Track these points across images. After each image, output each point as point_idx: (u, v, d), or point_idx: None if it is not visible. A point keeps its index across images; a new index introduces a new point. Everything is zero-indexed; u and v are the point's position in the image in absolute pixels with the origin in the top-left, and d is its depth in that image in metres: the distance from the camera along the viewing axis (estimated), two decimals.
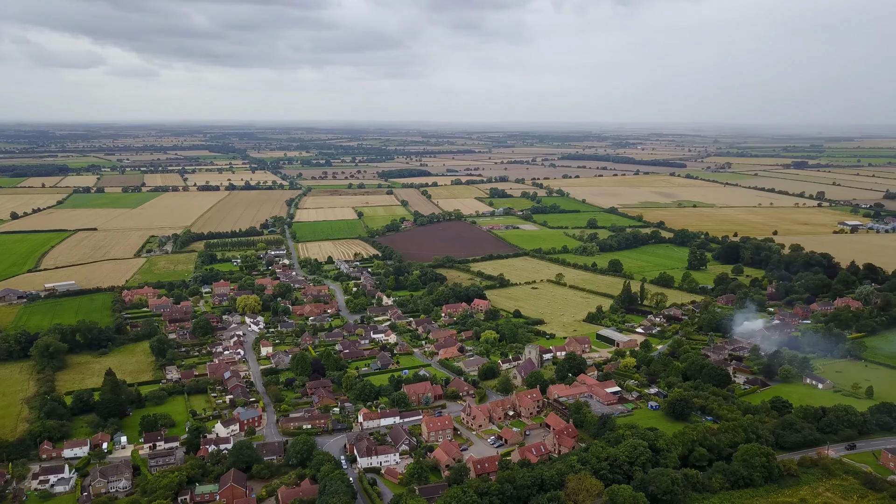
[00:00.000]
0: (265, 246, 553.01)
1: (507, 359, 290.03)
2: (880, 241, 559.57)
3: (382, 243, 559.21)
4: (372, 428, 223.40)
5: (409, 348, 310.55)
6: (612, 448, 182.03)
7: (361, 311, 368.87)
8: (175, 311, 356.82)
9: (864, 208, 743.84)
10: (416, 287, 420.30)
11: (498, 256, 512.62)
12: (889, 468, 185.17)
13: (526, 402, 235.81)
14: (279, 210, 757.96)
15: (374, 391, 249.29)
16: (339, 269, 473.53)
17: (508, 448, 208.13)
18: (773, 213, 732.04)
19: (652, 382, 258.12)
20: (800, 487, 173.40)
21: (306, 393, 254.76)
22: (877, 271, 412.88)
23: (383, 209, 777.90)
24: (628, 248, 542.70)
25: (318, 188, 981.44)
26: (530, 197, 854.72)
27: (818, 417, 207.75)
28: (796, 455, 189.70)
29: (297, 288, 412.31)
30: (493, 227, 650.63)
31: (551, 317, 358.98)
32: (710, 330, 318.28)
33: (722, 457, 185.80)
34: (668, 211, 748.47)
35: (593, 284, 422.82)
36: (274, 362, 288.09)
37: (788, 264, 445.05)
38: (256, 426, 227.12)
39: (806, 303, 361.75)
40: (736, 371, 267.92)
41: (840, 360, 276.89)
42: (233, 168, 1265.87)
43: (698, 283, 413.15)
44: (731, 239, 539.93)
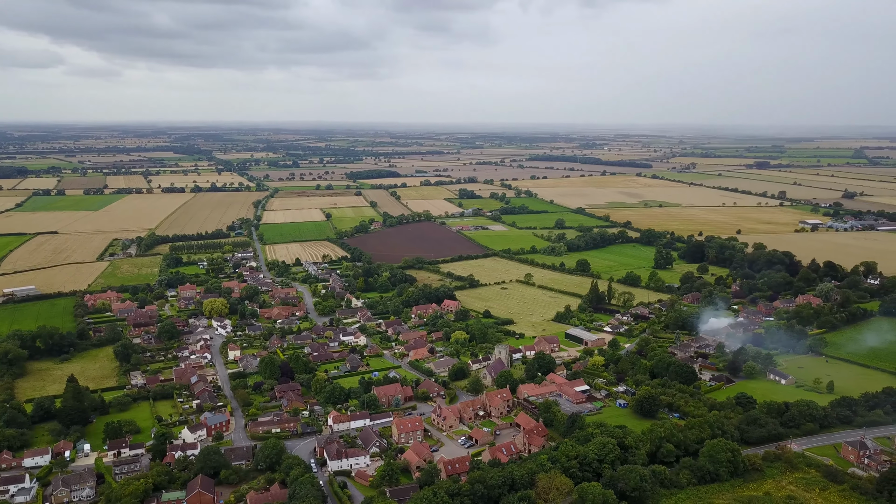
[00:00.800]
0: (232, 248, 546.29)
1: (477, 359, 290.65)
2: (839, 240, 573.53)
3: (351, 245, 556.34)
4: (342, 431, 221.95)
5: (378, 350, 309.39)
6: (582, 446, 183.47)
7: (330, 314, 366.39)
8: (140, 316, 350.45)
9: (823, 207, 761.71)
10: (386, 288, 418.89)
11: (467, 257, 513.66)
12: (849, 460, 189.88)
13: (496, 401, 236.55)
14: (246, 212, 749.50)
15: (344, 394, 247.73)
16: (308, 271, 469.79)
17: (479, 448, 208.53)
18: (737, 212, 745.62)
19: (620, 380, 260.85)
20: (764, 481, 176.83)
21: (275, 396, 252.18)
22: (836, 269, 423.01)
23: (352, 210, 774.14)
24: (596, 248, 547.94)
25: (285, 189, 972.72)
26: (499, 198, 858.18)
27: (781, 412, 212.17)
28: (761, 449, 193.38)
29: (265, 290, 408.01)
30: (463, 227, 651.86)
31: (521, 317, 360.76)
32: (677, 328, 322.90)
33: (689, 453, 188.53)
34: (634, 211, 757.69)
35: (562, 284, 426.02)
36: (242, 366, 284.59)
37: (752, 263, 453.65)
38: (224, 431, 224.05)
39: (769, 300, 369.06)
40: (702, 368, 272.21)
41: (802, 356, 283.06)
42: (198, 170, 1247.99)
43: (665, 281, 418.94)
44: (696, 238, 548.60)
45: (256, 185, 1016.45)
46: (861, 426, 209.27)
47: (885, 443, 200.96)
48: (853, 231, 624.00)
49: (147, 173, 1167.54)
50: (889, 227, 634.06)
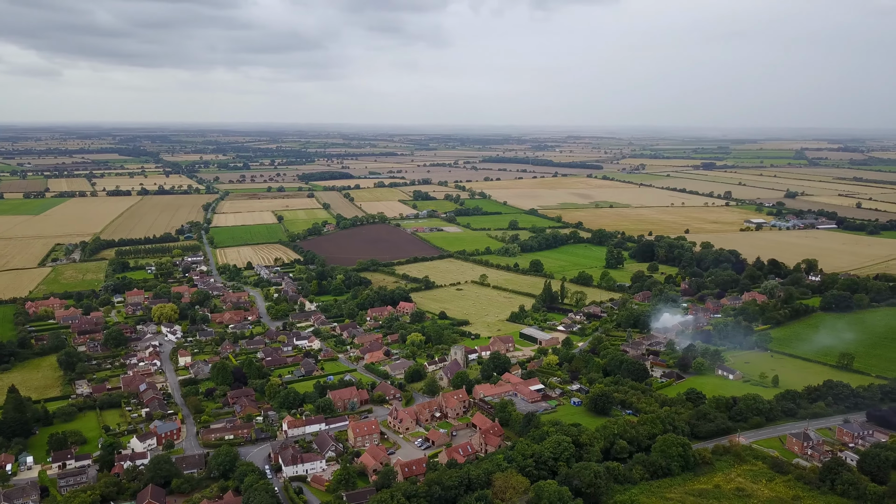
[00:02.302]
0: (181, 252, 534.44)
1: (433, 360, 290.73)
2: (782, 238, 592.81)
3: (304, 247, 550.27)
4: (297, 436, 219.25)
5: (333, 354, 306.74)
6: (537, 445, 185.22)
7: (283, 318, 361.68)
8: (84, 323, 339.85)
9: (767, 207, 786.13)
10: (340, 291, 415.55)
11: (423, 259, 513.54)
12: (794, 452, 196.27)
13: (452, 402, 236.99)
14: (195, 215, 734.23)
15: (299, 398, 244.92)
16: (260, 274, 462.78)
17: (436, 449, 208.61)
18: (685, 212, 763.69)
19: (574, 379, 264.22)
20: (714, 474, 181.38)
21: (228, 403, 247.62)
22: (780, 266, 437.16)
23: (304, 213, 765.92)
24: (549, 249, 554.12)
25: (235, 192, 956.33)
26: (453, 199, 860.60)
27: (729, 407, 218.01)
28: (710, 443, 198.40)
29: (216, 295, 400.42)
30: (418, 229, 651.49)
31: (476, 317, 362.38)
32: (629, 326, 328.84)
33: (642, 448, 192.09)
34: (586, 211, 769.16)
35: (516, 284, 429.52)
36: (193, 372, 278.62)
37: (700, 261, 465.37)
38: (175, 439, 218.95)
39: (716, 297, 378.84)
40: (653, 365, 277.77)
41: (748, 352, 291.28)
42: (145, 172, 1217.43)
43: (616, 281, 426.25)
44: (646, 238, 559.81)
45: (206, 188, 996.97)
46: (804, 418, 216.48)
47: (826, 434, 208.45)
48: (795, 230, 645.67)
49: (91, 176, 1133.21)
50: (828, 226, 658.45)
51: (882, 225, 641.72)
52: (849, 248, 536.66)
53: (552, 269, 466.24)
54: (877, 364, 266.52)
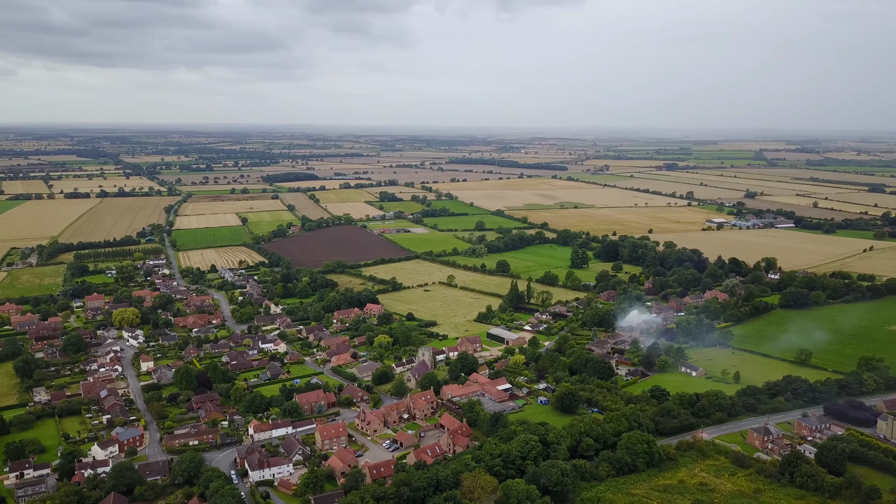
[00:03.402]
0: (143, 255, 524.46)
1: (400, 362, 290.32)
2: (742, 237, 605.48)
3: (269, 250, 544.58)
4: (263, 440, 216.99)
5: (300, 357, 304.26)
6: (505, 444, 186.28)
7: (248, 321, 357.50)
8: (42, 328, 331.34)
9: (728, 206, 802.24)
10: (306, 294, 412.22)
11: (390, 260, 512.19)
12: (755, 446, 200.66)
13: (420, 403, 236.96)
14: (157, 217, 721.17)
15: (265, 402, 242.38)
16: (224, 277, 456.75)
17: (404, 451, 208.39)
18: (648, 212, 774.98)
19: (541, 378, 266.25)
20: (678, 470, 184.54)
21: (192, 408, 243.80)
22: (740, 265, 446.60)
23: (269, 214, 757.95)
24: (515, 249, 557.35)
25: (198, 194, 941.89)
26: (420, 200, 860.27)
27: (693, 403, 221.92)
28: (674, 440, 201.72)
29: (179, 298, 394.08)
30: (384, 230, 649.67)
31: (444, 318, 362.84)
32: (594, 325, 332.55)
33: (608, 446, 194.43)
34: (551, 212, 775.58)
35: (483, 285, 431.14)
36: (156, 377, 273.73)
37: (663, 260, 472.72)
38: (138, 446, 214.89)
39: (679, 296, 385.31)
40: (618, 363, 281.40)
41: (711, 349, 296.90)
42: (104, 174, 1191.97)
43: (581, 280, 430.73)
44: (610, 238, 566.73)
45: (168, 190, 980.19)
46: (765, 413, 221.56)
47: (786, 428, 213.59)
48: (755, 229, 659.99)
49: (48, 178, 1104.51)
50: (786, 225, 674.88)
51: (837, 224, 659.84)
52: (806, 246, 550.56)
53: (519, 270, 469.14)
54: (833, 359, 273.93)
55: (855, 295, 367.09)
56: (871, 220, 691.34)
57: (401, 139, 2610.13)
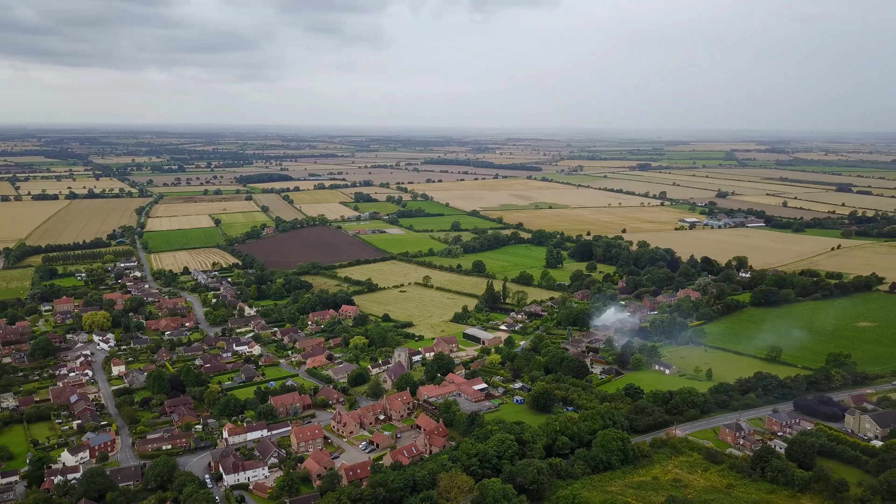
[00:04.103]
0: (113, 258, 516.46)
1: (376, 363, 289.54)
2: (714, 237, 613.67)
3: (243, 251, 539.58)
4: (238, 443, 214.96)
5: (274, 359, 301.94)
6: (481, 444, 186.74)
7: (222, 324, 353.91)
8: (9, 333, 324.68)
9: (700, 206, 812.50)
10: (281, 296, 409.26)
11: (365, 261, 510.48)
12: (727, 442, 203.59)
13: (396, 405, 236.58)
14: (128, 219, 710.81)
15: (240, 405, 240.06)
16: (197, 279, 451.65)
17: (380, 452, 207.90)
18: (622, 212, 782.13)
19: (516, 377, 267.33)
20: (652, 467, 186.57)
21: (165, 412, 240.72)
22: (712, 264, 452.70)
23: (242, 216, 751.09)
24: (490, 249, 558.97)
25: (170, 195, 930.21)
26: (395, 201, 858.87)
27: (666, 401, 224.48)
28: (648, 437, 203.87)
29: (151, 301, 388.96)
30: (360, 231, 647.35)
31: (420, 319, 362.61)
32: (569, 324, 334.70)
33: (583, 444, 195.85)
34: (526, 213, 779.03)
35: (459, 285, 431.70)
36: (127, 382, 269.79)
37: (636, 260, 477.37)
38: (109, 451, 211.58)
39: (653, 295, 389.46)
40: (593, 362, 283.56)
41: (684, 347, 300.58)
42: (73, 175, 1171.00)
43: (556, 280, 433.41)
44: (584, 238, 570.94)
45: (139, 191, 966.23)
46: (736, 409, 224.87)
47: (757, 424, 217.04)
48: (726, 228, 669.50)
49: (14, 179, 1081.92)
50: (757, 224, 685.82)
51: (806, 223, 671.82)
52: (776, 245, 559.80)
53: (494, 270, 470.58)
54: (803, 356, 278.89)
55: (823, 292, 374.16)
56: (838, 219, 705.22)
57: (376, 140, 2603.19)
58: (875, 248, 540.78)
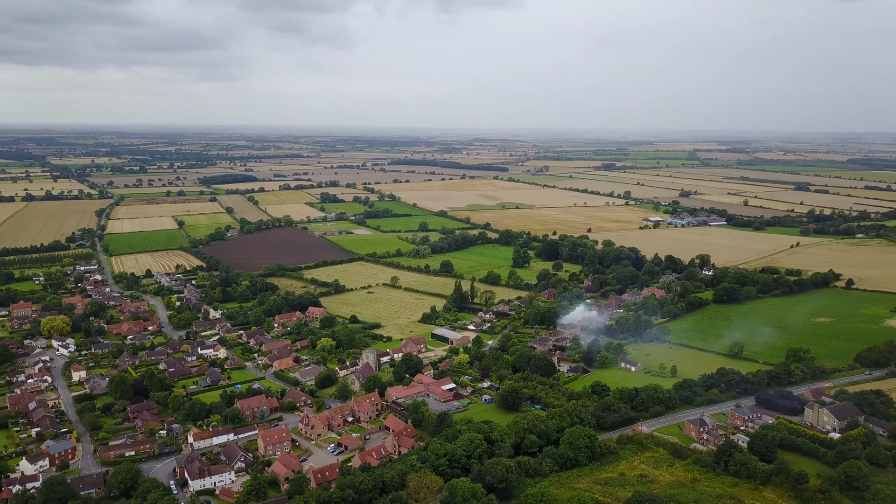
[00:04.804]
0: (73, 261, 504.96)
1: (344, 365, 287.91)
2: (678, 235, 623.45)
3: (207, 253, 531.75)
4: (204, 448, 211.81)
5: (240, 362, 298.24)
6: (450, 444, 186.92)
7: (187, 327, 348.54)
8: None
9: (663, 206, 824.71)
10: (246, 298, 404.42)
11: (332, 262, 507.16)
12: (691, 437, 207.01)
13: (365, 406, 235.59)
14: (88, 221, 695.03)
15: (205, 409, 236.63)
16: (160, 282, 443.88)
17: (349, 454, 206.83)
18: (587, 211, 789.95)
19: (485, 377, 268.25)
20: (619, 463, 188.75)
21: (128, 418, 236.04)
22: (676, 262, 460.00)
23: (206, 217, 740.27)
24: (458, 250, 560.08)
25: (132, 197, 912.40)
26: (362, 202, 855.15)
27: (632, 397, 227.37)
28: (615, 433, 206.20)
29: (113, 305, 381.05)
30: (326, 232, 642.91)
31: (388, 320, 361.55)
32: (536, 323, 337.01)
33: (551, 441, 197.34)
34: (493, 213, 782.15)
35: (427, 286, 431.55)
36: (88, 387, 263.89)
37: (602, 259, 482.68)
38: (70, 459, 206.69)
39: (618, 293, 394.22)
40: (560, 360, 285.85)
41: (649, 344, 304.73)
42: (30, 176, 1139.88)
43: (523, 279, 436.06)
44: (550, 237, 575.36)
45: (99, 193, 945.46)
46: (700, 405, 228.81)
47: (720, 418, 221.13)
48: (689, 227, 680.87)
49: None
50: (719, 223, 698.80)
51: (767, 221, 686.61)
52: (738, 243, 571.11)
53: (462, 270, 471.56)
54: (763, 352, 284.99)
55: (783, 289, 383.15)
56: (797, 217, 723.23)
57: (342, 140, 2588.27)
58: (832, 245, 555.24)
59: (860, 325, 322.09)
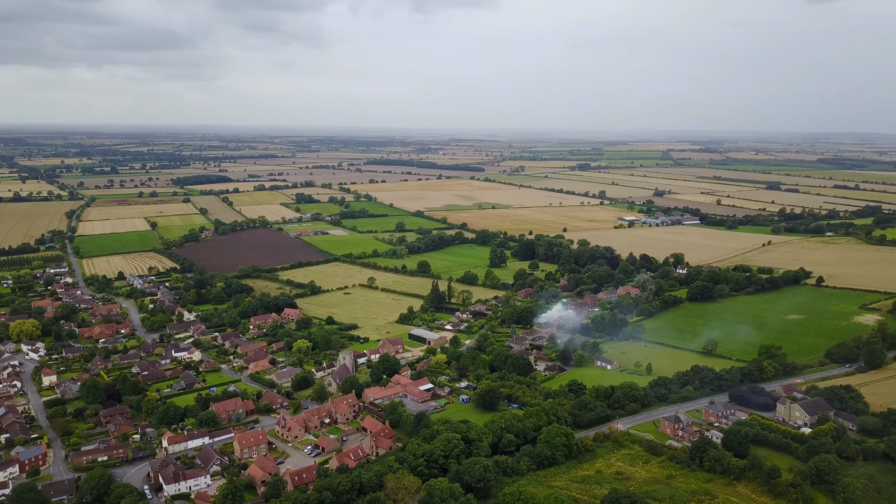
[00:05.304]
0: (42, 264, 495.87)
1: (321, 367, 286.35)
2: (652, 234, 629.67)
3: (181, 255, 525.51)
4: (179, 452, 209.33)
5: (215, 365, 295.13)
6: (428, 444, 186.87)
7: (160, 330, 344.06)
8: None
9: (638, 205, 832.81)
10: (221, 300, 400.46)
11: (308, 263, 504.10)
12: (666, 434, 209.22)
13: (342, 408, 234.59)
14: (58, 223, 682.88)
15: (180, 413, 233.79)
16: (133, 285, 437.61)
17: (326, 456, 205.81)
18: (563, 211, 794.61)
19: (462, 376, 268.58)
20: (596, 460, 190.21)
21: (100, 422, 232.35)
22: (650, 261, 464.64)
23: (180, 218, 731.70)
24: (435, 250, 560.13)
25: (103, 198, 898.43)
26: (338, 202, 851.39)
27: (608, 395, 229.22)
28: (592, 431, 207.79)
29: (84, 308, 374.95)
30: (302, 233, 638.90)
31: (365, 321, 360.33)
32: (513, 322, 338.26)
33: (528, 440, 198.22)
34: (469, 213, 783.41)
35: (404, 286, 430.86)
36: (59, 392, 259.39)
37: (577, 258, 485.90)
38: (41, 465, 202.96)
39: (594, 292, 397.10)
40: (537, 359, 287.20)
41: (624, 342, 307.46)
42: None
43: (500, 279, 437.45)
44: (527, 237, 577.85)
45: (69, 194, 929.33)
46: (675, 402, 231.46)
47: (695, 415, 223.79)
48: (663, 226, 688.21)
49: None
50: (692, 222, 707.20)
51: (739, 220, 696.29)
52: (711, 242, 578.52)
53: (439, 270, 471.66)
54: (737, 349, 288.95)
55: (755, 287, 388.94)
56: (768, 216, 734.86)
57: (317, 140, 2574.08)
58: (802, 243, 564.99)
59: (830, 321, 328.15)
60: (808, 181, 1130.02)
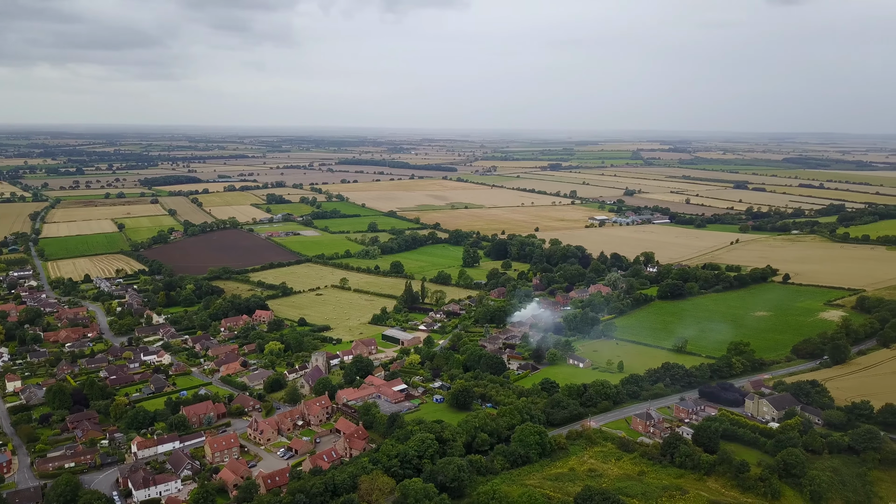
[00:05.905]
0: (5, 267, 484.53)
1: (293, 369, 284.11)
2: (623, 233, 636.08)
3: (149, 257, 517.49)
4: (148, 457, 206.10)
5: (186, 368, 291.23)
6: (402, 444, 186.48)
7: (129, 333, 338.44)
8: None
9: (608, 204, 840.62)
10: (191, 302, 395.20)
11: (279, 264, 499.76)
12: (638, 431, 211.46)
13: (315, 409, 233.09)
14: (21, 225, 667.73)
15: (149, 417, 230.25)
16: (100, 287, 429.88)
17: (299, 458, 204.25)
18: (535, 211, 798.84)
19: (436, 376, 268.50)
20: (569, 458, 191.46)
21: (67, 428, 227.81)
22: (621, 259, 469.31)
23: (148, 220, 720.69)
24: (408, 250, 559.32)
25: (68, 199, 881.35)
26: (310, 202, 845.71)
27: (581, 393, 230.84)
28: (565, 429, 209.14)
29: (50, 312, 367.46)
30: (273, 234, 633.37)
31: (337, 322, 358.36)
32: (486, 322, 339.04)
33: (502, 439, 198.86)
34: (442, 213, 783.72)
35: (377, 287, 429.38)
36: (24, 398, 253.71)
37: (549, 257, 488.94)
38: (5, 473, 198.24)
39: (566, 291, 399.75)
40: (510, 358, 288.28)
41: (596, 341, 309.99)
42: None
43: (473, 279, 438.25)
44: (499, 237, 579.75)
45: (33, 196, 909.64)
46: (647, 399, 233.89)
47: (666, 412, 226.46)
48: (634, 225, 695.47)
49: None
50: (662, 221, 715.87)
51: (707, 219, 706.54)
52: (680, 240, 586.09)
53: (412, 270, 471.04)
54: (706, 346, 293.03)
55: (724, 284, 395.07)
56: (736, 214, 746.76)
57: (288, 140, 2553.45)
58: (769, 241, 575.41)
59: (796, 317, 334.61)
60: (774, 180, 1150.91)
